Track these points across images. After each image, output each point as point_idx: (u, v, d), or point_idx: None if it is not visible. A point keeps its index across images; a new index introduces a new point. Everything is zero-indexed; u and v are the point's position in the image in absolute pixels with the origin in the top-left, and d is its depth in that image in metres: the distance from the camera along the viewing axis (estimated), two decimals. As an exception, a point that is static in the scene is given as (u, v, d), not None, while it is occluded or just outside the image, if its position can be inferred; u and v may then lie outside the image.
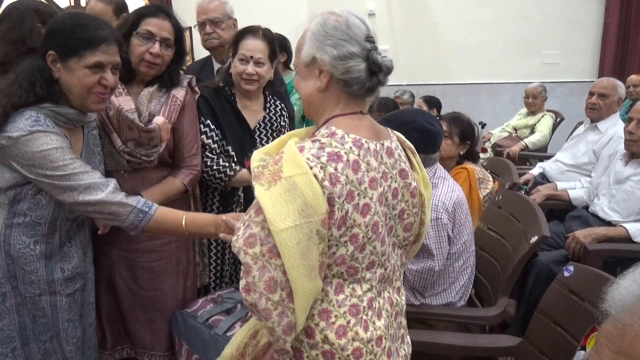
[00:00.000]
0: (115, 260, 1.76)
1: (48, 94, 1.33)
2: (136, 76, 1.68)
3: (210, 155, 1.91)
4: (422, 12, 6.34)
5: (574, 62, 6.20)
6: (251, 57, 1.89)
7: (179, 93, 1.74)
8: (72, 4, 5.54)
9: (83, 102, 1.37)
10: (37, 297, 1.42)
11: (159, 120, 1.65)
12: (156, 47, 1.62)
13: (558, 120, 4.60)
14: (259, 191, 0.98)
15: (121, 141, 1.62)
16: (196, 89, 1.87)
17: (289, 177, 0.96)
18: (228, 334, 1.66)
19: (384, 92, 4.16)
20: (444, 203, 1.70)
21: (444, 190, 1.74)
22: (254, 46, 1.90)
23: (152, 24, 1.62)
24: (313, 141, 1.04)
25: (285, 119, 2.17)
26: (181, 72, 1.82)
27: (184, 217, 1.42)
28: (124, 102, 1.62)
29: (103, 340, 1.80)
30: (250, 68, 1.90)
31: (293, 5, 6.27)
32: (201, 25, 2.37)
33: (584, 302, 1.42)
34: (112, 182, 1.37)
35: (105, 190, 1.34)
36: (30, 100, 1.31)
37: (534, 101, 4.48)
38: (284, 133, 2.14)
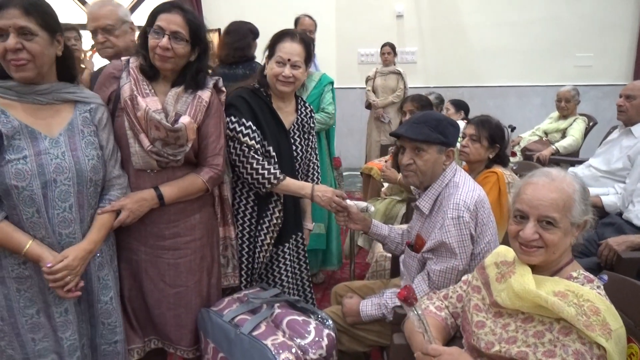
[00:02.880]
0: (143, 257, 1.79)
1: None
2: (160, 73, 1.71)
3: (256, 156, 1.91)
4: (451, 13, 6.28)
5: (608, 64, 6.05)
6: (288, 59, 1.92)
7: (205, 94, 1.76)
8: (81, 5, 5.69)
9: (7, 70, 1.41)
10: None
11: (185, 120, 1.67)
12: (164, 41, 1.62)
13: (591, 124, 4.49)
14: (604, 344, 1.11)
15: (149, 141, 1.65)
16: (222, 88, 1.89)
17: (617, 330, 1.14)
18: (254, 333, 1.67)
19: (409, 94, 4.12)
20: (465, 202, 1.68)
21: (465, 189, 1.72)
22: (292, 49, 1.92)
23: (162, 19, 1.64)
24: (591, 287, 1.22)
25: (314, 122, 2.19)
26: (209, 71, 1.83)
27: (29, 242, 1.44)
28: (151, 102, 1.65)
29: (134, 334, 1.85)
30: (287, 71, 1.92)
31: (321, 5, 6.29)
32: (93, 33, 2.18)
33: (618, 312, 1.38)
34: None
35: None
36: None
37: (567, 105, 4.38)
38: (312, 135, 2.16)
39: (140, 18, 5.79)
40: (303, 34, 1.99)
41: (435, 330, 1.43)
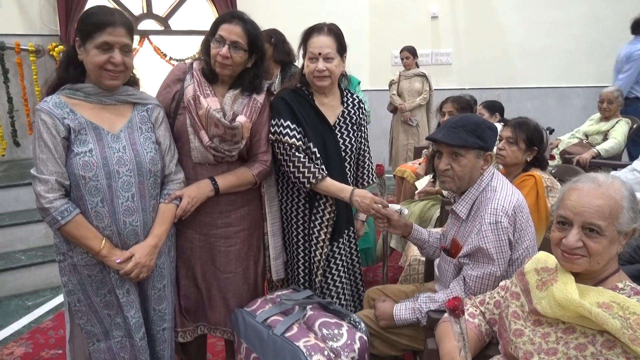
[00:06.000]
0: (197, 244, 1.93)
1: (68, 76, 1.60)
2: (219, 77, 1.84)
3: (297, 154, 1.96)
4: (487, 13, 6.17)
5: (653, 64, 5.80)
6: (319, 53, 1.95)
7: (260, 96, 1.89)
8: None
9: (97, 78, 1.58)
10: None
11: (241, 119, 1.81)
12: (224, 50, 1.76)
13: (634, 126, 4.32)
14: None
15: (208, 137, 1.79)
16: (274, 92, 1.99)
17: None
18: (286, 334, 1.68)
19: (443, 96, 4.08)
20: (503, 206, 1.64)
21: (502, 194, 1.68)
22: (320, 42, 1.96)
23: (223, 29, 1.78)
24: (638, 300, 1.14)
25: (363, 112, 2.19)
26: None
27: (102, 241, 1.59)
28: (211, 102, 1.79)
29: (185, 318, 1.97)
30: (320, 65, 1.96)
31: (354, 6, 6.28)
32: None
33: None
34: (52, 180, 1.52)
35: (43, 186, 1.51)
36: (57, 83, 1.61)
37: (609, 106, 4.23)
38: (364, 126, 2.17)
39: (177, 23, 5.92)
40: (331, 25, 2.01)
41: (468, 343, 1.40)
